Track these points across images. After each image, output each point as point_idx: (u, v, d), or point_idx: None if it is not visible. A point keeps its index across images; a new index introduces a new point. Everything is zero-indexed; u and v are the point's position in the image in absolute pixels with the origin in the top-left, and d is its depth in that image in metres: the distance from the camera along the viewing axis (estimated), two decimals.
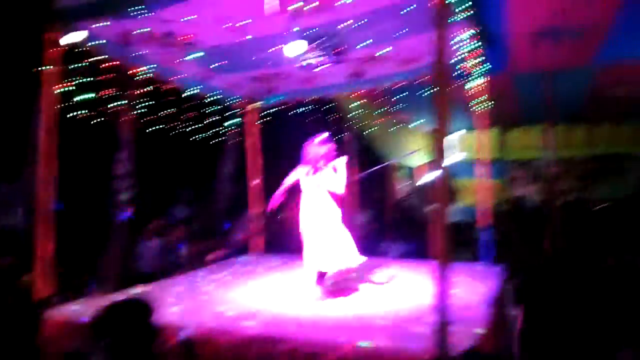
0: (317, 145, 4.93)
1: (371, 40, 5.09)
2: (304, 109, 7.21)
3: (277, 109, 7.22)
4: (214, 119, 6.94)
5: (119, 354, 2.01)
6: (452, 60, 4.96)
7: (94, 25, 4.33)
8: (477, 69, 5.63)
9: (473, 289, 4.52)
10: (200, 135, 6.81)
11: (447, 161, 3.09)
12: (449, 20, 3.18)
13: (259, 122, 7.36)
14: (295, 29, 4.68)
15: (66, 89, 4.47)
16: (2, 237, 7.23)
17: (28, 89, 7.07)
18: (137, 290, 4.75)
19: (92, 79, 4.85)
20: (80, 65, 4.54)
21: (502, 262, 5.97)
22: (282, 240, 6.78)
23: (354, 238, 5.34)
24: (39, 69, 4.15)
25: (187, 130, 6.59)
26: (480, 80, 5.83)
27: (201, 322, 3.59)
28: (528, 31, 6.00)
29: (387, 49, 5.51)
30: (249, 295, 4.73)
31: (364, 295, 4.63)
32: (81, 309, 3.91)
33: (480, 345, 3.06)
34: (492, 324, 3.61)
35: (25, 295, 3.89)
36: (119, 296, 4.01)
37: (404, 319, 3.74)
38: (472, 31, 4.92)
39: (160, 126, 6.19)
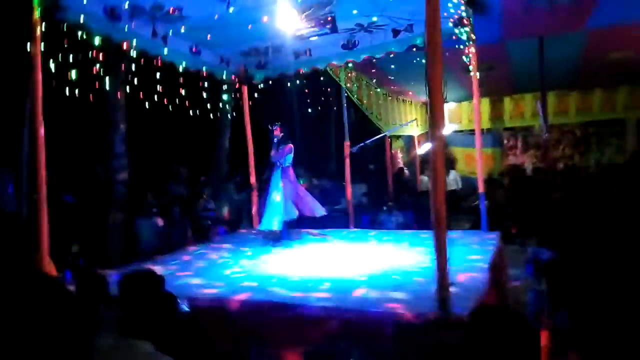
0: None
1: (359, 10, 5.03)
2: (296, 82, 7.16)
3: (269, 83, 7.14)
4: (205, 95, 6.88)
5: (133, 326, 2.02)
6: (444, 28, 4.90)
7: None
8: (469, 37, 5.60)
9: (471, 254, 4.58)
10: (193, 112, 6.76)
11: (443, 131, 3.10)
12: None
13: (252, 96, 7.29)
14: None
15: (55, 68, 4.40)
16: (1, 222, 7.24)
17: (18, 72, 7.02)
18: (140, 266, 4.77)
19: (80, 56, 4.78)
20: (68, 42, 4.46)
21: (498, 229, 6.05)
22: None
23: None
24: (28, 49, 4.06)
25: (179, 106, 6.53)
26: (473, 49, 5.78)
27: (205, 292, 3.65)
28: None
29: (377, 18, 5.47)
30: (252, 266, 4.80)
31: (366, 262, 4.71)
32: None
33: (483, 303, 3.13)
34: (491, 285, 3.69)
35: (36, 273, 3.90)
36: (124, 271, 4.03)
37: (406, 284, 3.79)
38: None
39: (151, 102, 6.13)
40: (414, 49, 5.91)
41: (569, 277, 3.31)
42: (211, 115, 7.33)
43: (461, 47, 5.61)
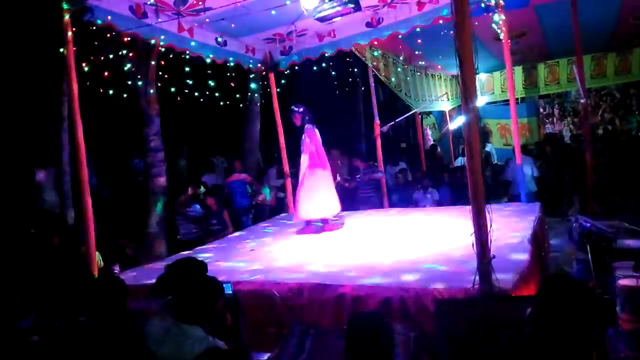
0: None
1: None
2: (323, 65, 7.10)
3: (296, 68, 7.12)
4: (234, 85, 6.92)
5: (184, 311, 2.09)
6: None
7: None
8: (497, 2, 5.42)
9: (511, 227, 4.50)
10: (223, 102, 6.81)
11: (476, 102, 3.03)
12: None
13: (279, 83, 7.29)
14: None
15: (87, 68, 4.52)
16: (45, 218, 7.51)
17: (52, 74, 7.22)
18: (183, 255, 4.90)
19: (111, 56, 4.88)
20: (97, 43, 4.56)
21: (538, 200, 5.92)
22: None
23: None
24: (61, 50, 4.17)
25: (209, 97, 6.60)
26: (502, 16, 5.60)
27: (247, 277, 3.74)
28: None
29: None
30: (292, 250, 4.87)
31: (403, 240, 4.70)
32: (137, 275, 4.10)
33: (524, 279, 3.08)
34: (533, 257, 3.63)
35: (85, 266, 4.06)
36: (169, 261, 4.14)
37: (445, 260, 3.77)
38: None
39: (182, 96, 6.22)
40: (441, 21, 5.78)
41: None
42: (241, 104, 7.38)
43: (490, 14, 5.44)
